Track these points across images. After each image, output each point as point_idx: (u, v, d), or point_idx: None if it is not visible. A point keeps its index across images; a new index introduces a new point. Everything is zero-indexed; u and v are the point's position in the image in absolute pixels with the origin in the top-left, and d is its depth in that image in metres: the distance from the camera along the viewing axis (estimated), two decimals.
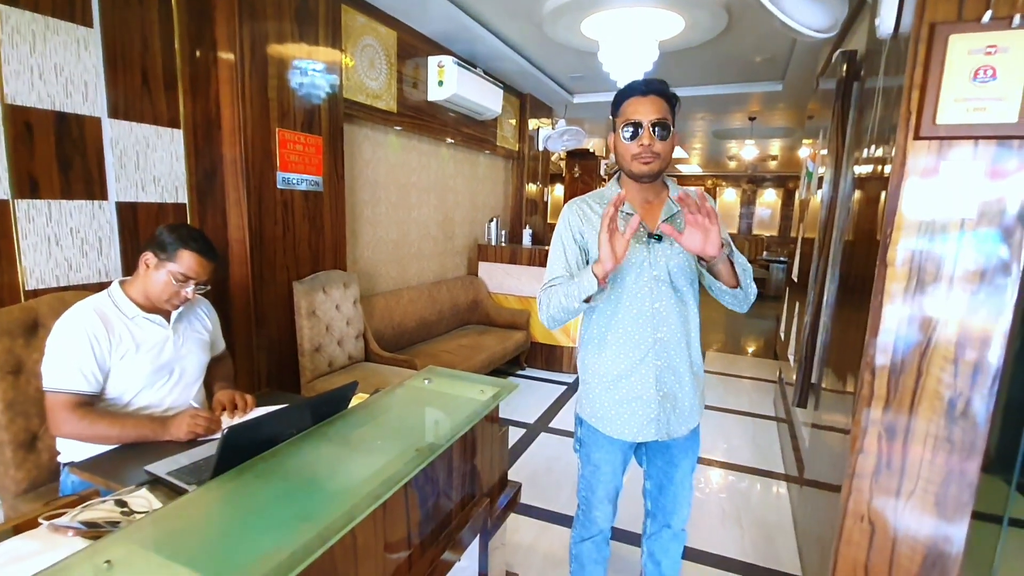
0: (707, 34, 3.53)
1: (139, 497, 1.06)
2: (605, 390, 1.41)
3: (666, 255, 1.34)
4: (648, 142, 1.27)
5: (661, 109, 1.28)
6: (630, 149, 1.30)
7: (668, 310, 1.34)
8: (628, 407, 1.38)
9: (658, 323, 1.34)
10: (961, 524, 1.47)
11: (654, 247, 1.34)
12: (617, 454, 1.47)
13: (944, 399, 1.44)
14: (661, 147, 1.29)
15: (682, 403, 1.40)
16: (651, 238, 1.34)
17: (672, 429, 1.40)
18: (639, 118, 1.27)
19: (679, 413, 1.40)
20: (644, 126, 1.27)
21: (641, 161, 1.29)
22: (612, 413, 1.40)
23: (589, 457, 1.50)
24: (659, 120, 1.27)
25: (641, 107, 1.28)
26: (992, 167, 1.34)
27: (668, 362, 1.36)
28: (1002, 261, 1.35)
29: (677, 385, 1.38)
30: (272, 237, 2.49)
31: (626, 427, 1.40)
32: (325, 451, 1.05)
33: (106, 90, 1.93)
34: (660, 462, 1.50)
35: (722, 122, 7.14)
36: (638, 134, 1.28)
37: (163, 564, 0.71)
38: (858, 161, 2.06)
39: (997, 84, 1.30)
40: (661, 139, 1.28)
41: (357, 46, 3.06)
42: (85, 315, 1.42)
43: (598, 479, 1.49)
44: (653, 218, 1.37)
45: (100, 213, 1.95)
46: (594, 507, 1.53)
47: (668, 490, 1.51)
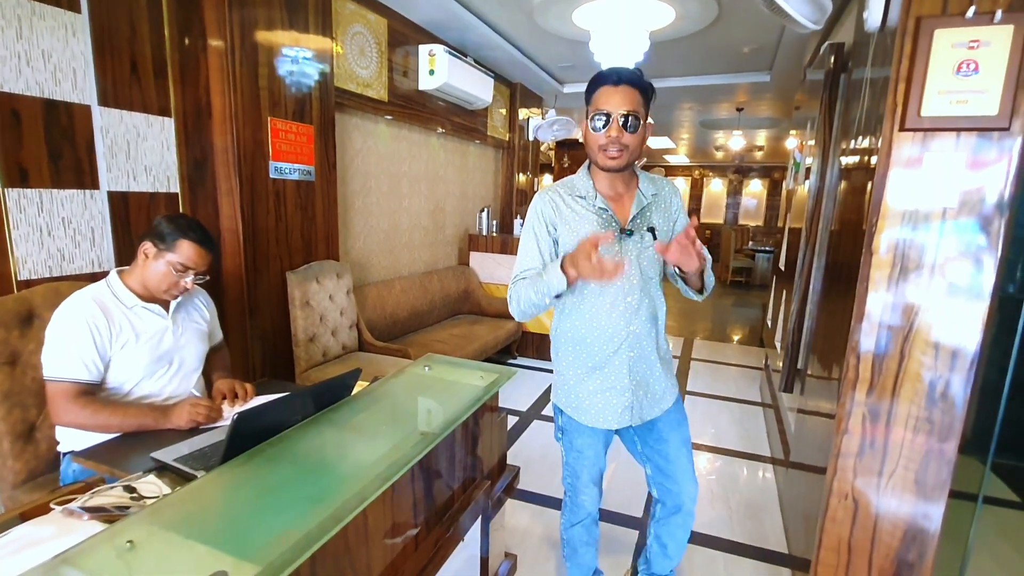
0: (697, 24, 3.55)
1: (148, 483, 1.08)
2: (579, 381, 1.43)
3: (637, 249, 1.35)
4: (616, 134, 1.25)
5: (632, 100, 1.25)
6: (598, 140, 1.28)
7: (639, 303, 1.36)
8: (603, 397, 1.41)
9: (631, 316, 1.36)
10: (939, 502, 1.54)
11: (625, 242, 1.34)
12: (599, 437, 1.49)
13: (925, 382, 1.50)
14: (630, 139, 1.26)
15: (653, 388, 1.44)
16: (623, 233, 1.34)
17: (645, 413, 1.44)
18: (608, 109, 1.24)
19: (651, 398, 1.44)
20: (613, 117, 1.24)
21: (608, 155, 1.28)
22: (587, 403, 1.43)
23: (572, 444, 1.51)
24: (629, 112, 1.24)
25: (612, 98, 1.24)
26: (973, 158, 1.39)
27: (640, 352, 1.39)
28: (981, 249, 1.41)
29: (648, 372, 1.42)
30: (265, 227, 2.48)
31: (601, 416, 1.42)
32: (332, 436, 1.08)
33: (95, 77, 1.91)
34: (651, 441, 1.52)
35: (710, 112, 7.18)
36: (607, 125, 1.25)
37: (184, 543, 0.74)
38: (845, 152, 2.11)
39: (979, 77, 1.35)
40: (631, 131, 1.26)
41: (347, 34, 3.04)
42: (85, 304, 1.42)
43: (582, 464, 1.51)
44: (623, 210, 1.37)
45: (92, 203, 1.93)
46: (580, 491, 1.55)
47: (667, 470, 1.52)
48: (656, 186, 1.43)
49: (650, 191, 1.39)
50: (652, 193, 1.39)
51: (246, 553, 0.71)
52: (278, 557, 0.70)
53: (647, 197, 1.37)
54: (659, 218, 1.40)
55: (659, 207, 1.41)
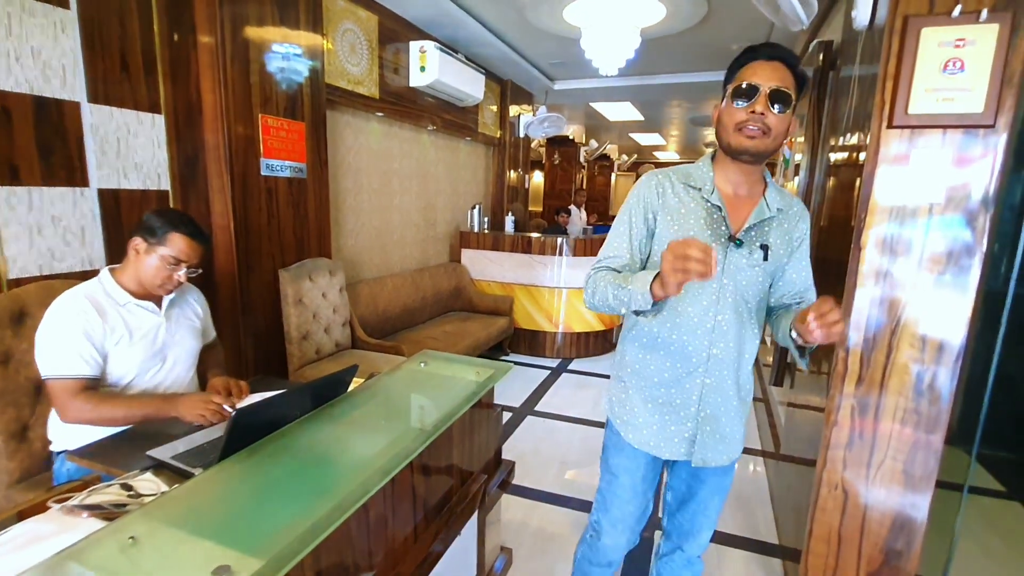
0: (687, 22, 3.57)
1: (145, 480, 1.07)
2: (640, 394, 1.24)
3: (740, 264, 1.14)
4: (761, 110, 1.05)
5: (785, 78, 1.06)
6: (736, 116, 1.08)
7: (728, 325, 1.16)
8: (663, 419, 1.22)
9: (716, 337, 1.16)
10: (926, 492, 1.58)
11: (732, 252, 1.14)
12: (640, 464, 1.29)
13: (912, 375, 1.53)
14: (775, 120, 1.06)
15: (724, 428, 1.22)
16: (731, 241, 1.14)
17: (708, 456, 1.22)
18: (756, 81, 1.05)
19: (717, 439, 1.22)
20: (760, 91, 1.05)
21: (746, 133, 1.07)
22: (642, 420, 1.24)
23: (607, 463, 1.33)
24: (779, 88, 1.05)
25: (763, 70, 1.06)
26: (958, 155, 1.42)
27: (717, 381, 1.19)
28: (967, 244, 1.44)
29: (721, 408, 1.21)
30: (257, 224, 2.47)
31: (655, 438, 1.23)
32: (332, 431, 1.08)
33: (85, 74, 1.89)
34: (685, 475, 1.33)
35: (699, 109, 7.23)
36: (751, 99, 1.06)
37: (186, 538, 0.74)
38: (833, 148, 2.14)
39: (965, 76, 1.38)
40: (779, 111, 1.06)
41: (338, 30, 3.02)
42: (77, 302, 1.41)
43: (613, 492, 1.31)
44: (739, 216, 1.16)
45: (82, 200, 1.92)
46: (604, 532, 1.34)
47: (689, 507, 1.34)
48: (785, 201, 1.20)
49: (776, 204, 1.17)
50: (778, 207, 1.17)
51: (250, 547, 0.72)
52: (283, 549, 0.70)
53: (771, 209, 1.16)
54: (778, 238, 1.18)
55: (781, 226, 1.19)
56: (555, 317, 4.57)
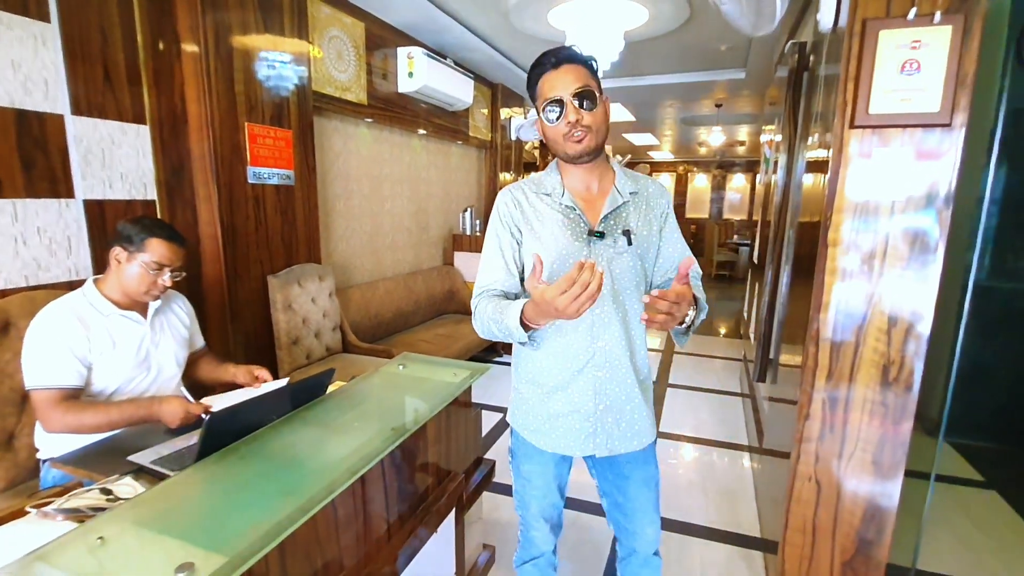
0: (671, 24, 3.61)
1: (124, 485, 1.11)
2: (539, 401, 1.26)
3: (608, 255, 1.17)
4: (575, 117, 1.10)
5: (580, 76, 1.11)
6: (558, 130, 1.13)
7: (609, 316, 1.18)
8: (564, 420, 1.24)
9: (598, 331, 1.19)
10: (895, 481, 1.61)
11: (595, 245, 1.17)
12: (549, 466, 1.32)
13: (879, 367, 1.56)
14: (591, 118, 1.11)
15: (629, 416, 1.25)
16: (591, 235, 1.17)
17: (614, 445, 1.25)
18: (557, 94, 1.10)
19: (624, 428, 1.25)
20: (566, 101, 1.10)
21: (574, 139, 1.12)
22: (546, 426, 1.26)
23: (519, 469, 1.36)
24: (581, 89, 1.10)
25: (557, 81, 1.11)
26: (918, 153, 1.46)
27: (611, 373, 1.21)
28: (929, 239, 1.47)
29: (623, 397, 1.23)
30: (244, 232, 2.50)
31: (561, 441, 1.25)
32: (305, 433, 1.11)
33: (67, 86, 1.92)
34: (610, 475, 1.34)
35: (690, 109, 7.26)
36: (562, 111, 1.11)
37: (153, 538, 0.77)
38: (807, 147, 2.17)
39: (921, 76, 1.41)
40: (588, 109, 1.11)
41: (324, 37, 3.06)
42: (62, 314, 1.44)
43: (530, 494, 1.35)
44: (595, 210, 1.20)
45: (67, 211, 1.95)
46: (531, 526, 1.39)
47: (625, 507, 1.35)
48: (637, 184, 1.25)
49: (628, 189, 1.22)
50: (631, 191, 1.22)
51: (215, 545, 0.75)
52: (246, 547, 0.74)
53: (623, 195, 1.21)
54: (638, 220, 1.22)
55: (638, 208, 1.23)
56: None
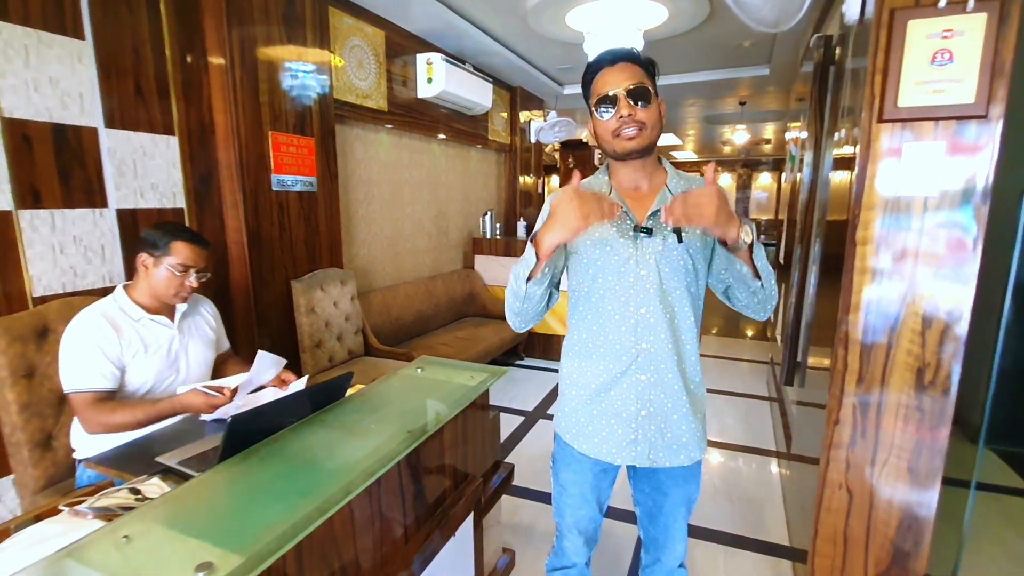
0: (691, 22, 3.56)
1: (152, 485, 1.14)
2: (583, 404, 1.23)
3: (656, 252, 1.13)
4: (628, 112, 1.08)
5: (636, 75, 1.10)
6: (609, 127, 1.11)
7: (655, 317, 1.14)
8: (606, 424, 1.20)
9: (643, 332, 1.15)
10: (932, 490, 1.54)
11: (642, 242, 1.14)
12: (587, 476, 1.28)
13: (913, 371, 1.51)
14: (644, 114, 1.09)
15: (676, 427, 1.19)
16: (638, 231, 1.14)
17: (658, 456, 1.19)
18: (610, 89, 1.09)
19: (669, 438, 1.19)
20: (619, 96, 1.09)
21: (624, 136, 1.10)
22: (589, 430, 1.23)
23: (557, 476, 1.34)
24: (635, 86, 1.09)
25: (611, 77, 1.10)
26: (952, 147, 1.40)
27: (656, 377, 1.16)
28: (964, 236, 1.41)
29: (669, 405, 1.18)
30: (269, 238, 2.56)
31: (603, 446, 1.21)
32: (324, 435, 1.13)
33: (101, 101, 1.99)
34: (647, 488, 1.31)
35: (713, 107, 7.17)
36: (614, 106, 1.10)
37: (176, 537, 0.79)
38: (835, 143, 2.11)
39: (954, 67, 1.36)
40: (643, 105, 1.09)
41: (345, 47, 3.11)
42: (94, 319, 1.50)
43: (565, 502, 1.33)
44: (643, 209, 1.17)
45: (101, 220, 2.02)
46: (564, 535, 1.37)
47: (658, 520, 1.32)
48: (690, 185, 1.21)
49: (679, 188, 1.18)
50: (682, 191, 1.15)
51: (234, 545, 0.76)
52: (263, 547, 0.75)
53: (674, 193, 1.16)
54: None
55: None
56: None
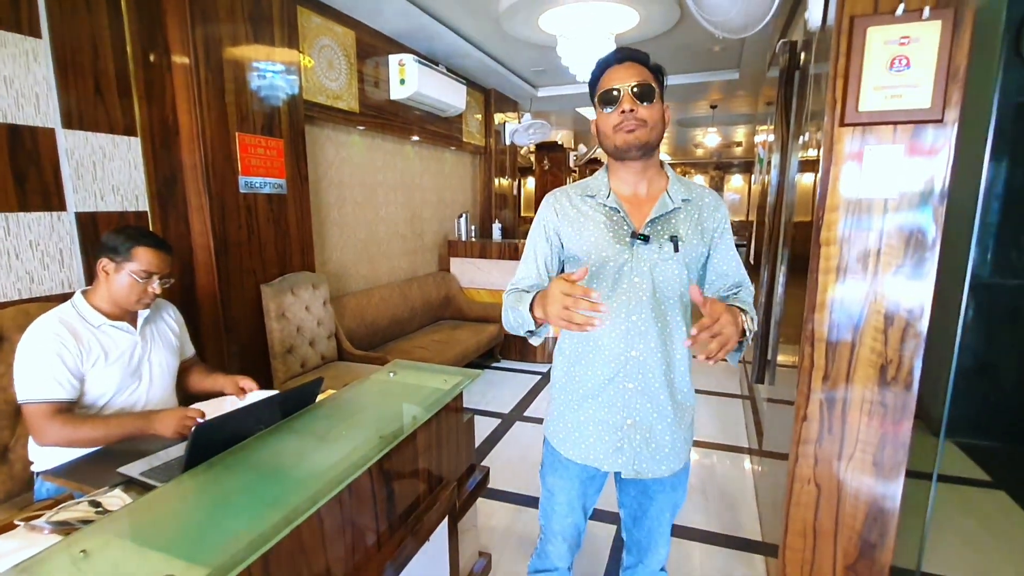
0: (661, 27, 3.62)
1: (113, 497, 1.09)
2: (571, 409, 1.23)
3: (651, 260, 1.12)
4: (630, 107, 1.08)
5: (642, 74, 1.11)
6: (610, 120, 1.11)
7: (646, 325, 1.13)
8: (593, 430, 1.20)
9: (632, 339, 1.14)
10: (896, 483, 1.59)
11: (638, 249, 1.12)
12: (575, 483, 1.28)
13: (877, 367, 1.55)
14: (646, 112, 1.09)
15: (660, 437, 1.19)
16: (635, 238, 1.12)
17: (642, 467, 1.19)
18: (615, 85, 1.10)
19: (653, 448, 1.19)
20: (623, 91, 1.09)
21: (625, 129, 1.10)
22: (576, 435, 1.23)
23: (545, 480, 1.35)
24: (640, 83, 1.09)
25: (617, 74, 1.11)
26: (910, 150, 1.45)
27: (643, 386, 1.16)
28: (924, 236, 1.46)
29: (654, 415, 1.17)
30: (237, 241, 2.50)
31: (589, 452, 1.21)
32: (293, 443, 1.10)
33: (59, 100, 1.92)
34: (633, 491, 1.31)
35: (685, 111, 7.28)
36: (617, 101, 1.09)
37: (136, 551, 0.76)
38: (800, 146, 2.17)
39: (911, 72, 1.41)
40: (646, 103, 1.09)
41: (314, 47, 3.07)
42: (52, 326, 1.44)
43: (552, 508, 1.33)
44: (641, 214, 1.16)
45: (59, 224, 1.94)
46: (548, 539, 1.37)
47: (643, 524, 1.32)
48: (691, 192, 1.20)
49: (680, 195, 1.17)
50: (683, 199, 1.17)
51: (197, 557, 0.74)
52: (228, 559, 0.72)
53: (674, 201, 1.16)
54: (689, 229, 1.16)
55: (690, 216, 1.18)
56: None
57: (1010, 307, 2.95)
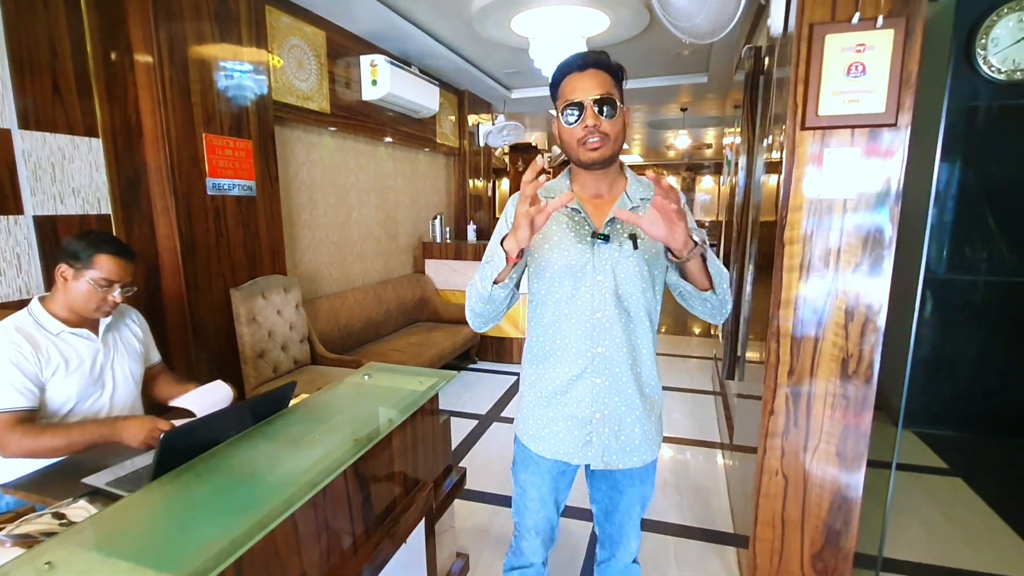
0: (632, 30, 3.67)
1: (78, 508, 1.06)
2: (540, 407, 1.25)
3: (613, 258, 1.16)
4: (593, 122, 1.09)
5: (604, 83, 1.11)
6: (575, 134, 1.12)
7: (611, 321, 1.16)
8: (561, 425, 1.23)
9: (598, 336, 1.17)
10: (859, 472, 1.65)
11: (599, 248, 1.16)
12: (546, 478, 1.30)
13: (838, 361, 1.61)
14: (609, 126, 1.11)
15: (629, 429, 1.22)
16: (596, 238, 1.16)
17: (612, 458, 1.22)
18: (578, 97, 1.10)
19: (623, 441, 1.22)
20: (586, 105, 1.09)
21: (589, 146, 1.12)
22: (545, 432, 1.25)
23: (517, 477, 1.36)
24: (603, 96, 1.10)
25: (581, 83, 1.11)
26: (867, 152, 1.51)
27: (610, 381, 1.19)
28: (880, 235, 1.53)
29: (623, 408, 1.20)
30: (205, 245, 2.45)
31: (558, 447, 1.23)
32: (265, 448, 1.09)
33: (14, 100, 1.85)
34: (604, 486, 1.34)
35: (657, 113, 7.41)
36: (581, 115, 1.10)
37: (104, 561, 0.75)
38: (765, 148, 2.23)
39: (867, 78, 1.47)
40: (608, 116, 1.10)
41: (284, 47, 3.02)
42: (7, 333, 1.39)
43: (525, 504, 1.35)
44: (601, 215, 1.19)
45: (16, 228, 1.87)
46: (522, 536, 1.39)
47: (614, 518, 1.35)
48: (648, 191, 1.22)
49: (639, 195, 1.20)
50: (641, 197, 1.20)
51: (167, 566, 0.72)
52: (200, 566, 0.71)
53: (633, 200, 1.19)
54: None
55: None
56: (521, 323, 4.61)
57: (965, 302, 3.08)
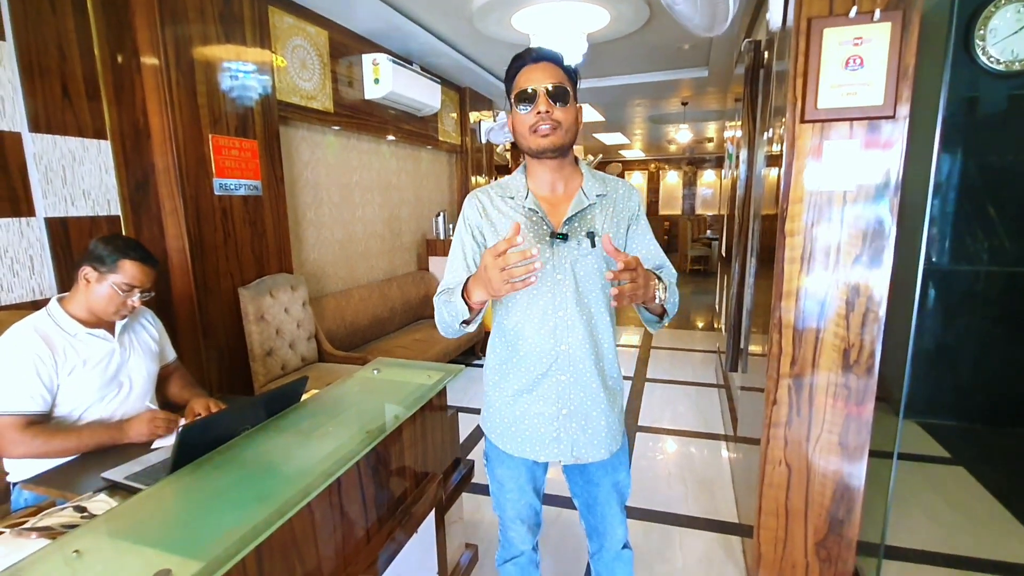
0: (632, 25, 3.68)
1: (98, 502, 1.10)
2: (506, 405, 1.26)
3: (572, 257, 1.17)
4: (545, 108, 1.11)
5: (557, 75, 1.13)
6: (526, 121, 1.14)
7: (573, 319, 1.18)
8: (529, 424, 1.24)
9: (561, 334, 1.18)
10: (861, 461, 1.68)
11: (558, 247, 1.17)
12: (521, 471, 1.31)
13: (840, 351, 1.63)
14: (561, 114, 1.12)
15: (595, 422, 1.24)
16: (555, 237, 1.16)
17: (581, 452, 1.24)
18: (532, 85, 1.12)
19: (590, 435, 1.24)
20: (539, 92, 1.11)
21: (540, 133, 1.12)
22: (513, 430, 1.26)
23: (493, 473, 1.37)
24: (555, 85, 1.11)
25: (533, 75, 1.13)
26: (866, 144, 1.53)
27: (575, 377, 1.20)
28: (880, 226, 1.55)
29: (588, 403, 1.22)
30: (213, 244, 2.48)
31: (527, 445, 1.25)
32: (280, 440, 1.12)
33: (25, 104, 1.88)
34: (580, 481, 1.36)
35: (658, 108, 7.40)
36: (533, 102, 1.12)
37: (130, 548, 0.78)
38: (766, 142, 2.25)
39: (865, 71, 1.49)
40: (560, 104, 1.12)
41: (287, 47, 3.05)
42: (26, 336, 1.42)
43: (505, 497, 1.36)
44: (559, 213, 1.19)
45: (29, 230, 1.91)
46: (508, 527, 1.40)
47: (595, 510, 1.37)
48: (605, 187, 1.24)
49: (595, 191, 1.21)
50: (597, 194, 1.21)
51: (191, 552, 0.76)
52: (223, 552, 0.75)
53: (589, 197, 1.20)
54: (605, 222, 1.21)
55: (605, 210, 1.22)
56: None
57: (966, 292, 3.09)
